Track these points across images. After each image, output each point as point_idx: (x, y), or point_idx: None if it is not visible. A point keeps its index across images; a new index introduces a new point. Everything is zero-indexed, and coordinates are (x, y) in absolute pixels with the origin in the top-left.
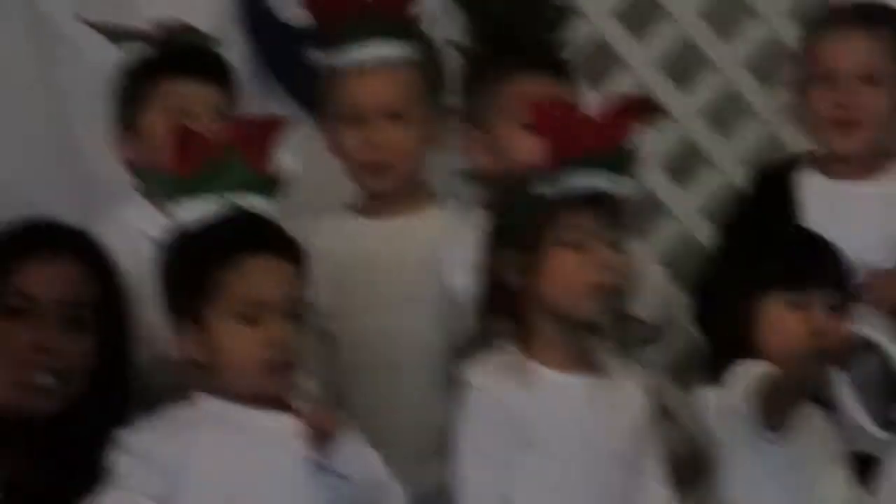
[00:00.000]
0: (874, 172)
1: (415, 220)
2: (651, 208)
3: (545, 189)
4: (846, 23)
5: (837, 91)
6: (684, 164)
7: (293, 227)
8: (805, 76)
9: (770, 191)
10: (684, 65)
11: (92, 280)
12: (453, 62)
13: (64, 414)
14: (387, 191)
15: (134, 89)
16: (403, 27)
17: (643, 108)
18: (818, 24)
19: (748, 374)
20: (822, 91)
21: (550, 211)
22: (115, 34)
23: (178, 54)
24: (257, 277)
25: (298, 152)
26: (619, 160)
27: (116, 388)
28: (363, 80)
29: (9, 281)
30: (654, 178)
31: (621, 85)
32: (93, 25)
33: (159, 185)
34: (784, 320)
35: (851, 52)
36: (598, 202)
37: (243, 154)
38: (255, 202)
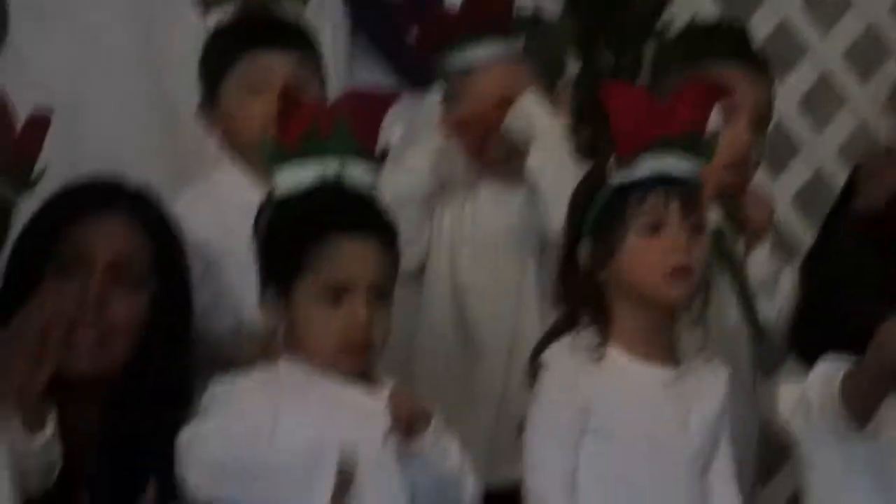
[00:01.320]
0: None
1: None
2: None
3: (620, 176)
4: None
5: None
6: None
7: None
8: None
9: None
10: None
11: (148, 238)
12: None
13: (123, 370)
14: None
15: (212, 61)
16: (506, 27)
17: (717, 93)
18: None
19: (829, 370)
20: None
21: (625, 197)
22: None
23: (252, 25)
24: (345, 258)
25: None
26: (693, 144)
27: (175, 347)
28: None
29: (60, 239)
30: None
31: None
32: None
33: (263, 151)
34: None
35: None
36: (672, 185)
37: (352, 125)
38: (357, 174)
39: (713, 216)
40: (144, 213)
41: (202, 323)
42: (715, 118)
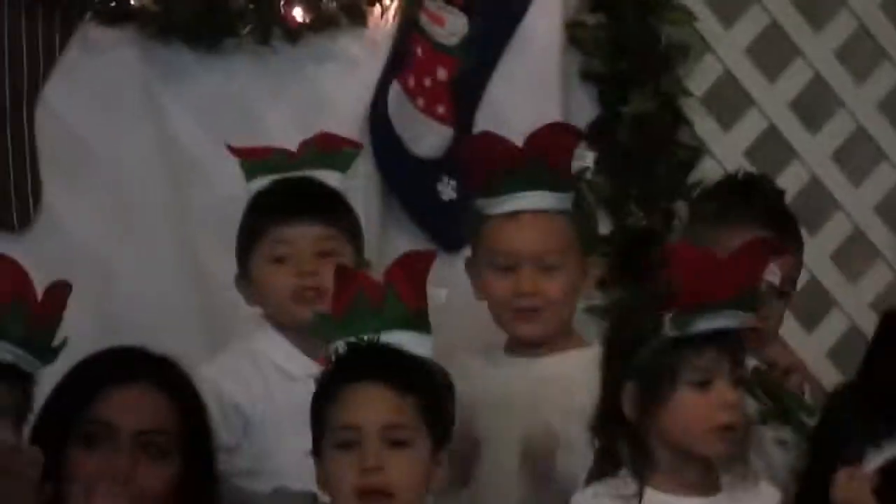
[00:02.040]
0: None
1: (559, 361)
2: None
3: (675, 330)
4: None
5: None
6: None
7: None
8: None
9: None
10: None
11: (173, 408)
12: None
13: None
14: (536, 338)
15: (242, 235)
16: (562, 180)
17: (774, 250)
18: None
19: None
20: None
21: (679, 350)
22: (250, 168)
23: (276, 198)
24: (353, 405)
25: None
26: (749, 301)
27: None
28: (519, 227)
29: (86, 409)
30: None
31: None
32: (233, 152)
33: (318, 325)
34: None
35: None
36: (724, 342)
37: (399, 291)
38: (406, 339)
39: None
40: (170, 382)
41: (240, 487)
42: (771, 274)
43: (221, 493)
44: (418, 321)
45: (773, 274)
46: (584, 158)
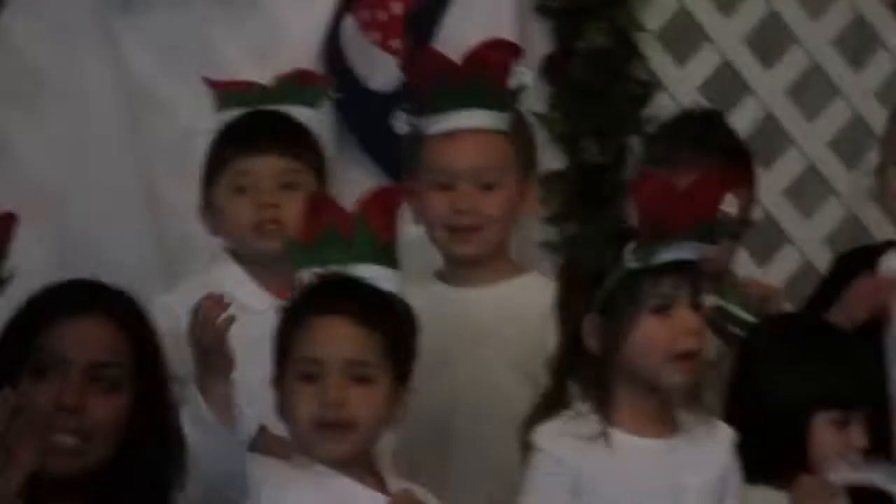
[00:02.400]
0: None
1: (498, 290)
2: None
3: (637, 261)
4: None
5: None
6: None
7: None
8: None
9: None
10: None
11: (126, 341)
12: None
13: (94, 474)
14: (472, 257)
15: (206, 166)
16: (499, 97)
17: (731, 181)
18: None
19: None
20: None
21: (639, 281)
22: (222, 98)
23: (239, 130)
24: (317, 338)
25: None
26: (707, 232)
27: (153, 451)
28: (456, 145)
29: (37, 341)
30: None
31: None
32: (211, 84)
33: (287, 251)
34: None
35: None
36: (683, 268)
37: (370, 223)
38: (375, 273)
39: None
40: (122, 314)
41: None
42: (728, 205)
43: (175, 423)
44: (388, 255)
45: (730, 205)
46: (523, 76)
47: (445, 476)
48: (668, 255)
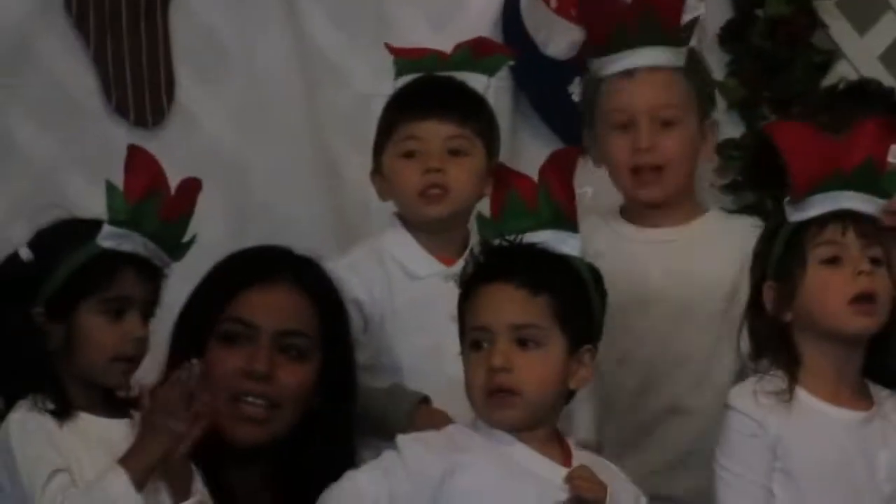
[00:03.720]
0: None
1: (685, 230)
2: None
3: (796, 215)
4: None
5: None
6: None
7: None
8: None
9: None
10: None
11: (314, 311)
12: None
13: (280, 442)
14: (657, 200)
15: (378, 132)
16: (673, 34)
17: (892, 130)
18: None
19: None
20: None
21: (801, 235)
22: (401, 65)
23: (409, 95)
24: (483, 306)
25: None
26: (869, 180)
27: (340, 414)
28: (633, 84)
29: (229, 308)
30: None
31: None
32: (392, 51)
33: (480, 227)
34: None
35: None
36: (849, 219)
37: (551, 190)
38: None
39: None
40: (310, 282)
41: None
42: (892, 154)
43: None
44: (567, 219)
45: (893, 155)
46: (696, 9)
47: (642, 425)
48: (826, 205)
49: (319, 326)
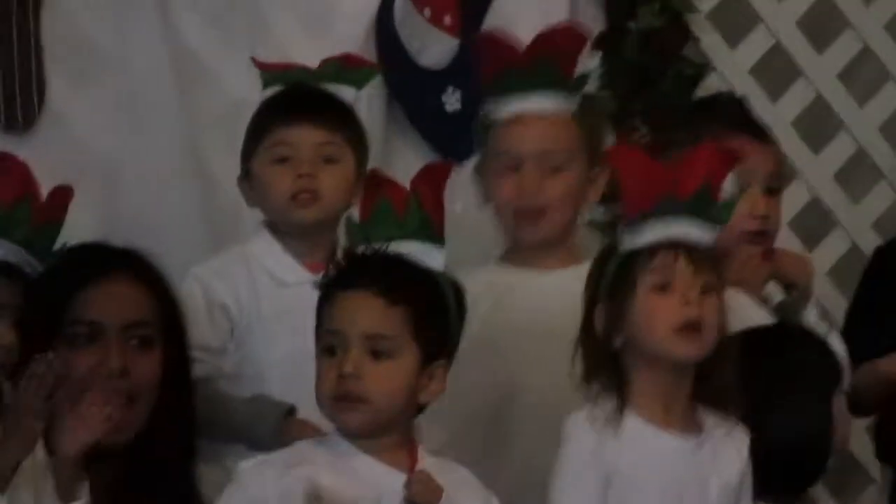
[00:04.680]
0: None
1: (559, 276)
2: None
3: (629, 241)
4: None
5: None
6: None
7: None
8: None
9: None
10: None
11: (152, 299)
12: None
13: (142, 434)
14: (537, 242)
15: (248, 136)
16: (566, 82)
17: (727, 157)
18: None
19: None
20: None
21: (633, 259)
22: (268, 77)
23: (281, 100)
24: (340, 311)
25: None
26: (703, 207)
27: (184, 405)
28: (522, 128)
29: (69, 312)
30: None
31: None
32: (257, 65)
33: (346, 230)
34: None
35: None
36: (680, 247)
37: (422, 201)
38: (419, 249)
39: (774, 292)
40: (144, 273)
41: (220, 390)
42: (729, 183)
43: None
44: (435, 232)
45: (731, 183)
46: (590, 62)
47: (499, 466)
48: (656, 232)
49: (159, 315)
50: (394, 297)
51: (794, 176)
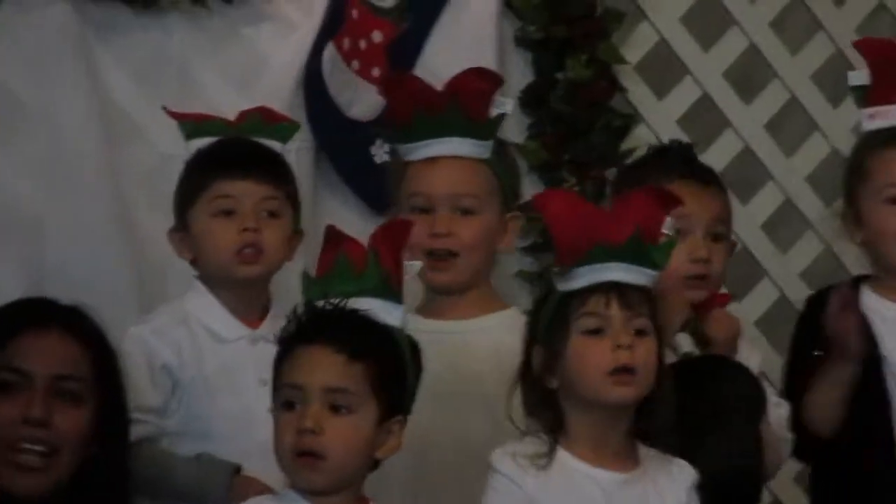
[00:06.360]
0: None
1: (473, 323)
2: None
3: (562, 284)
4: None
5: None
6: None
7: None
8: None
9: None
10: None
11: (85, 354)
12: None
13: (58, 491)
14: (447, 285)
15: (183, 189)
16: (479, 126)
17: (663, 202)
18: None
19: None
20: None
21: (567, 303)
22: (191, 129)
23: (222, 154)
24: (299, 365)
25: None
26: (638, 252)
27: (112, 464)
28: (435, 170)
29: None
30: None
31: None
32: (174, 116)
33: (302, 284)
34: None
35: None
36: (613, 291)
37: (381, 258)
38: (378, 305)
39: (684, 341)
40: (80, 327)
41: (164, 449)
42: (666, 226)
43: (130, 440)
44: (393, 289)
45: (668, 227)
46: (504, 105)
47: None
48: (589, 277)
49: (93, 371)
50: (355, 352)
51: None
